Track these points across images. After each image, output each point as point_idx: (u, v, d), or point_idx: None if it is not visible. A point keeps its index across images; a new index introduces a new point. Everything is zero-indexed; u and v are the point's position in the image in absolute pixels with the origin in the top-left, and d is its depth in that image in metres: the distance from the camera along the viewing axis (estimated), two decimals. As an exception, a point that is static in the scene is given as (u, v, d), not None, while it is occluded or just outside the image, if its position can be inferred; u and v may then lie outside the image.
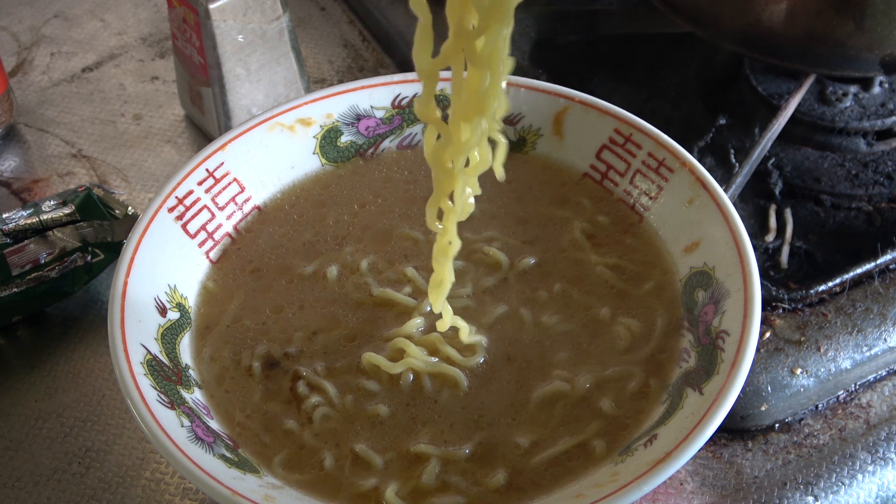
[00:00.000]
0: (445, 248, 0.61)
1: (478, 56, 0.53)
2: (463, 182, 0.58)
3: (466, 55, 0.53)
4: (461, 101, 0.55)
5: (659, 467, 0.54)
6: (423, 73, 0.54)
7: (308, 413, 0.62)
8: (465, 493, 0.58)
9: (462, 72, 0.54)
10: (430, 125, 0.57)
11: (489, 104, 0.54)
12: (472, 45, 0.52)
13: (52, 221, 0.77)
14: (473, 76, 0.54)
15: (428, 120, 0.56)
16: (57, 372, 0.75)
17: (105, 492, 0.68)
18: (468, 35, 0.52)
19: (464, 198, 0.59)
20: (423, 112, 0.56)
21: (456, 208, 0.59)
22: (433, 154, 0.57)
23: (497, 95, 0.54)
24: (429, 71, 0.54)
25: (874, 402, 0.72)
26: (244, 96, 0.87)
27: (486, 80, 0.53)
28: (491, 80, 0.53)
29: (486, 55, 0.52)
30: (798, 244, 0.80)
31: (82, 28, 1.06)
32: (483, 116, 0.55)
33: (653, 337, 0.64)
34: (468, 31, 0.52)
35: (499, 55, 0.53)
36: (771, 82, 0.89)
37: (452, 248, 0.61)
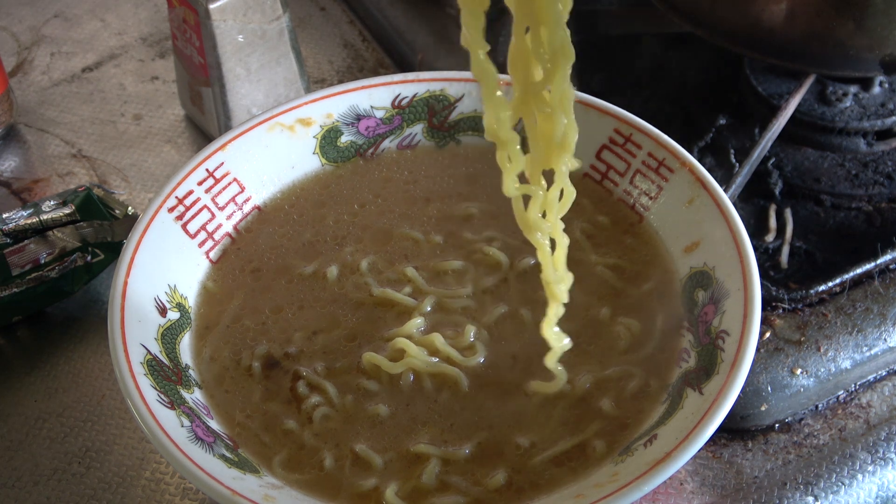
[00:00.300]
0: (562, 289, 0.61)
1: (549, 104, 0.53)
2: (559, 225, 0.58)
3: (535, 106, 0.53)
4: (540, 150, 0.55)
5: (659, 467, 0.54)
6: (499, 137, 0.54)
7: (308, 413, 0.62)
8: (465, 493, 0.58)
9: (535, 123, 0.54)
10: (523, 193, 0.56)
11: (570, 142, 0.55)
12: (540, 96, 0.53)
13: (52, 221, 0.77)
14: (546, 124, 0.54)
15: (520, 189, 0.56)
16: (57, 372, 0.75)
17: (105, 492, 0.68)
18: (535, 88, 0.53)
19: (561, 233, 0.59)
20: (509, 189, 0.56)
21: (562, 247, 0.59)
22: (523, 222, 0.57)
23: (575, 131, 0.54)
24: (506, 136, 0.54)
25: (874, 402, 0.72)
26: (244, 96, 0.87)
27: (561, 123, 0.54)
28: (567, 119, 0.54)
29: (557, 101, 0.53)
30: (798, 244, 0.80)
31: (82, 28, 1.06)
32: (569, 153, 0.55)
33: (653, 337, 0.64)
34: (535, 85, 0.53)
35: (568, 96, 0.53)
36: (771, 82, 0.89)
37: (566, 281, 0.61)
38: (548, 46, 0.51)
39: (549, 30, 0.51)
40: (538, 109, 0.54)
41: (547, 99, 0.53)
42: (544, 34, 0.51)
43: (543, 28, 0.51)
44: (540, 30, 0.51)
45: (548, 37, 0.51)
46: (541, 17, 0.51)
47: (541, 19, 0.51)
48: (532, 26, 0.51)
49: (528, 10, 0.51)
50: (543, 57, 0.52)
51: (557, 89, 0.53)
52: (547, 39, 0.51)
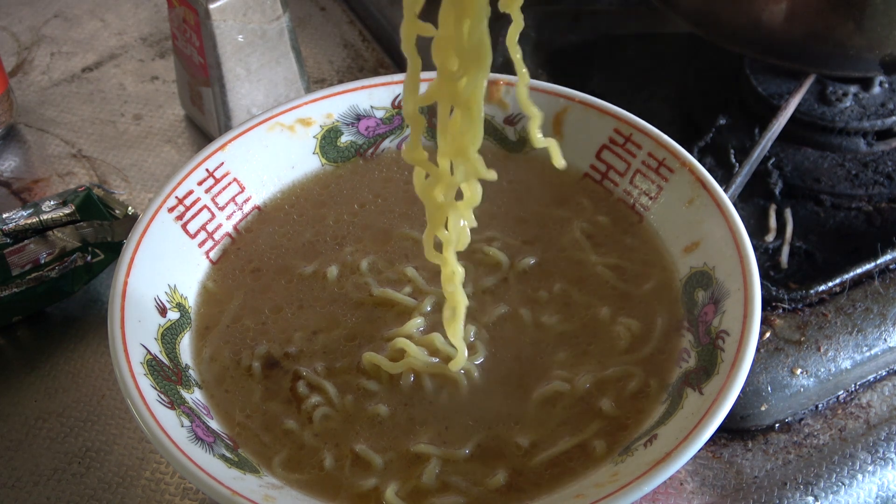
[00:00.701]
0: (451, 277, 0.61)
1: (459, 98, 0.54)
2: (456, 214, 0.59)
3: (449, 97, 0.55)
4: (447, 141, 0.56)
5: (659, 467, 0.54)
6: (408, 116, 0.56)
7: (308, 413, 0.62)
8: (465, 493, 0.58)
9: (447, 112, 0.56)
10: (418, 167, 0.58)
11: (469, 144, 0.56)
12: (454, 87, 0.54)
13: (52, 221, 0.77)
14: (457, 117, 0.55)
15: (416, 162, 0.58)
16: (57, 372, 0.75)
17: (105, 492, 0.68)
18: (451, 77, 0.54)
19: (458, 228, 0.60)
20: (410, 155, 0.58)
21: (452, 238, 0.60)
22: (423, 191, 0.59)
23: (477, 137, 0.56)
24: (414, 114, 0.56)
25: (874, 402, 0.72)
26: (244, 96, 0.87)
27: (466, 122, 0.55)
28: (470, 121, 0.55)
29: (466, 97, 0.54)
30: (798, 244, 0.80)
31: (82, 28, 1.06)
32: (464, 157, 0.56)
33: (653, 337, 0.64)
34: (451, 73, 0.54)
35: (478, 99, 0.54)
36: (771, 82, 0.89)
37: (457, 277, 0.61)
38: (466, 41, 0.52)
39: (471, 24, 0.52)
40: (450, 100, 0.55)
41: (459, 91, 0.54)
42: (466, 28, 0.52)
43: (466, 21, 0.52)
44: (464, 22, 0.52)
45: (468, 30, 0.52)
46: (466, 8, 0.51)
47: (466, 11, 0.51)
48: (457, 17, 0.52)
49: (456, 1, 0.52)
50: (461, 50, 0.53)
51: (470, 85, 0.54)
52: (467, 32, 0.52)
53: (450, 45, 0.53)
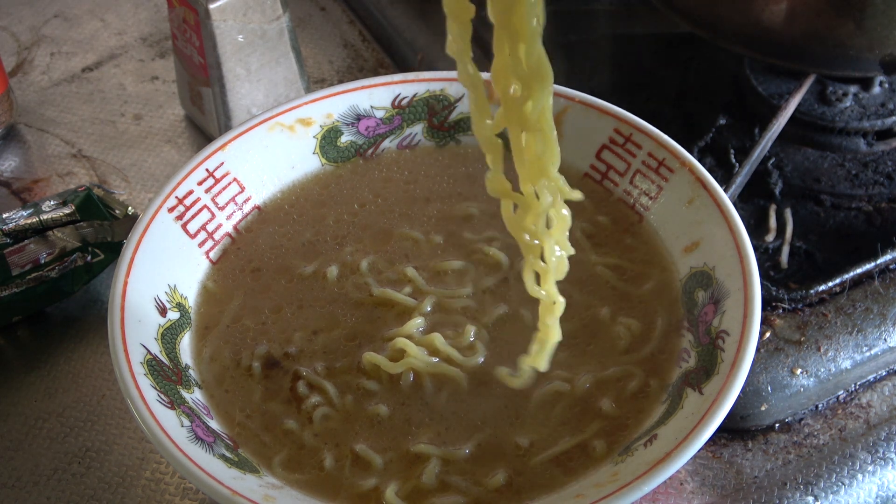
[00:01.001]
0: (550, 308, 0.60)
1: (527, 121, 0.54)
2: (551, 242, 0.58)
3: (518, 123, 0.54)
4: (525, 167, 0.55)
5: (659, 467, 0.54)
6: (484, 143, 0.55)
7: (308, 413, 0.62)
8: (465, 493, 0.58)
9: (520, 138, 0.55)
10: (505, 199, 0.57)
11: (548, 166, 0.55)
12: (521, 112, 0.53)
13: (52, 221, 0.77)
14: (530, 142, 0.55)
15: (500, 194, 0.57)
16: (57, 372, 0.75)
17: (105, 492, 0.68)
18: (515, 103, 0.53)
19: (556, 258, 0.59)
20: (495, 187, 0.57)
21: (549, 268, 0.59)
22: (514, 225, 0.58)
23: (555, 156, 0.55)
24: (489, 140, 0.55)
25: (874, 402, 0.72)
26: (244, 96, 0.87)
27: (538, 142, 0.54)
28: (545, 142, 0.54)
29: (535, 119, 0.53)
30: (798, 244, 0.80)
31: (82, 28, 1.06)
32: (546, 178, 0.55)
33: (653, 337, 0.64)
34: (515, 99, 0.53)
35: (547, 117, 0.54)
36: (771, 82, 0.89)
37: (557, 308, 0.60)
38: (525, 63, 0.52)
39: (526, 47, 0.52)
40: (519, 125, 0.54)
41: (527, 115, 0.54)
42: (522, 51, 0.52)
43: (521, 44, 0.52)
44: (518, 46, 0.52)
45: (525, 54, 0.52)
46: (518, 34, 0.51)
47: (519, 36, 0.51)
48: (510, 43, 0.52)
49: (506, 26, 0.51)
50: (521, 74, 0.52)
51: (536, 106, 0.53)
52: (524, 56, 0.52)
53: (509, 72, 0.53)
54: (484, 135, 0.55)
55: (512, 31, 0.51)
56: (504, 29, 0.52)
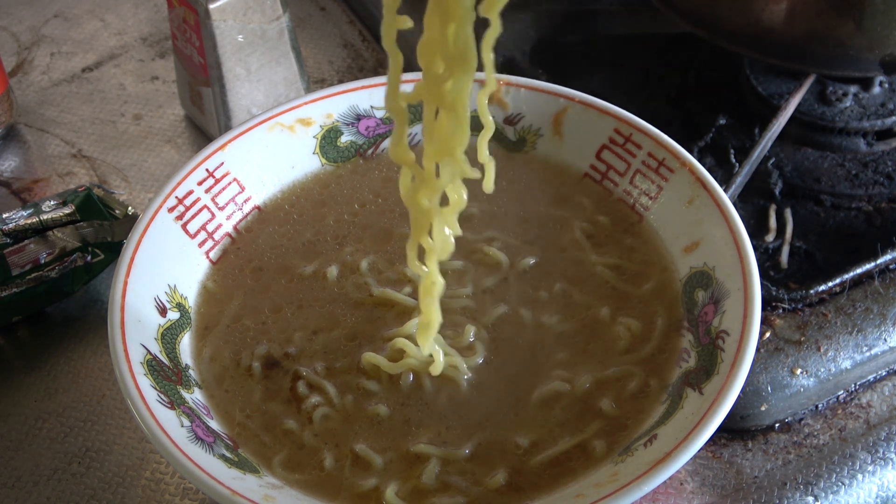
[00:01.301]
0: (430, 288, 0.61)
1: (444, 100, 0.54)
2: (440, 221, 0.59)
3: (435, 99, 0.55)
4: (433, 143, 0.56)
5: (659, 467, 0.54)
6: (393, 111, 0.56)
7: (308, 413, 0.62)
8: (465, 493, 0.58)
9: (433, 114, 0.56)
10: (405, 167, 0.58)
11: (455, 147, 0.56)
12: (440, 89, 0.54)
13: (52, 221, 0.77)
14: (443, 119, 0.55)
15: (401, 161, 0.57)
16: (57, 372, 0.75)
17: (105, 492, 0.68)
18: (436, 80, 0.54)
19: (443, 236, 0.59)
20: (396, 153, 0.57)
21: (436, 247, 0.60)
22: (408, 195, 0.59)
23: (464, 137, 0.55)
24: (399, 109, 0.56)
25: (874, 402, 0.72)
26: (244, 96, 0.87)
27: (451, 122, 0.55)
28: (457, 123, 0.55)
29: (452, 100, 0.54)
30: (798, 244, 0.80)
31: (82, 28, 1.06)
32: (452, 157, 0.56)
33: (653, 337, 0.64)
34: (436, 76, 0.54)
35: (464, 101, 0.54)
36: (771, 82, 0.89)
37: (437, 288, 0.61)
38: (452, 45, 0.52)
39: (455, 27, 0.52)
40: (436, 102, 0.55)
41: (445, 93, 0.54)
42: (451, 32, 0.52)
43: (451, 24, 0.52)
44: (449, 26, 0.52)
45: (453, 34, 0.52)
46: (450, 13, 0.52)
47: (450, 15, 0.52)
48: (442, 20, 0.52)
49: (439, 4, 0.52)
50: (446, 53, 0.53)
51: (455, 87, 0.54)
52: (452, 37, 0.52)
53: (435, 48, 0.53)
54: (395, 102, 0.55)
55: (444, 9, 0.52)
56: (437, 5, 0.52)
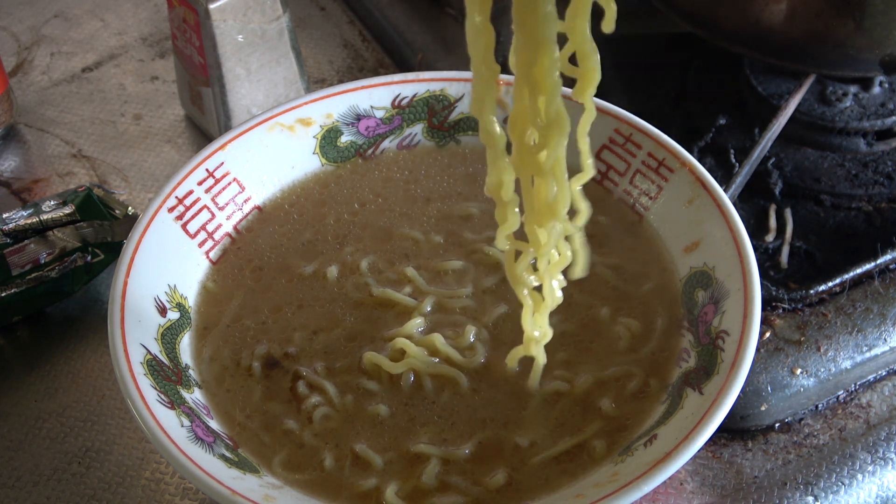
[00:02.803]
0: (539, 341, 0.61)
1: (541, 168, 0.54)
2: (550, 280, 0.59)
3: (532, 169, 0.55)
4: (534, 210, 0.56)
5: (659, 467, 0.54)
6: (499, 198, 0.56)
7: (308, 413, 0.62)
8: (465, 492, 0.58)
9: (530, 183, 0.56)
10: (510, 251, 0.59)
11: (559, 209, 0.56)
12: (535, 159, 0.54)
13: (52, 221, 0.77)
14: (541, 186, 0.55)
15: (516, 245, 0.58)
16: (57, 372, 0.75)
17: (105, 492, 0.68)
18: (530, 151, 0.54)
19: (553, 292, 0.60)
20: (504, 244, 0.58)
21: (547, 303, 0.60)
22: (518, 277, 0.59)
23: (566, 199, 0.56)
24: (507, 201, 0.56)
25: (874, 402, 0.72)
26: (244, 96, 0.87)
27: (552, 188, 0.55)
28: (558, 187, 0.55)
29: (550, 166, 0.54)
30: (798, 244, 0.80)
31: (82, 28, 1.06)
32: (556, 220, 0.56)
33: (653, 337, 0.64)
34: (529, 147, 0.54)
35: (561, 165, 0.54)
36: (771, 82, 0.89)
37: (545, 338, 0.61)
38: (544, 115, 0.53)
39: (546, 99, 0.52)
40: (533, 172, 0.55)
41: (541, 163, 0.54)
42: (541, 103, 0.53)
43: (541, 97, 0.52)
44: (538, 98, 0.53)
45: (545, 105, 0.53)
46: (539, 86, 0.52)
47: (539, 88, 0.52)
48: (531, 94, 0.53)
49: (527, 78, 0.52)
50: (539, 124, 0.53)
51: (551, 155, 0.54)
52: (544, 108, 0.53)
53: (527, 120, 0.53)
54: (501, 190, 0.56)
55: (533, 82, 0.52)
56: (525, 79, 0.52)
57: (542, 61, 0.51)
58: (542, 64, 0.51)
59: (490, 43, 0.52)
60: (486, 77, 0.53)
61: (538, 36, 0.51)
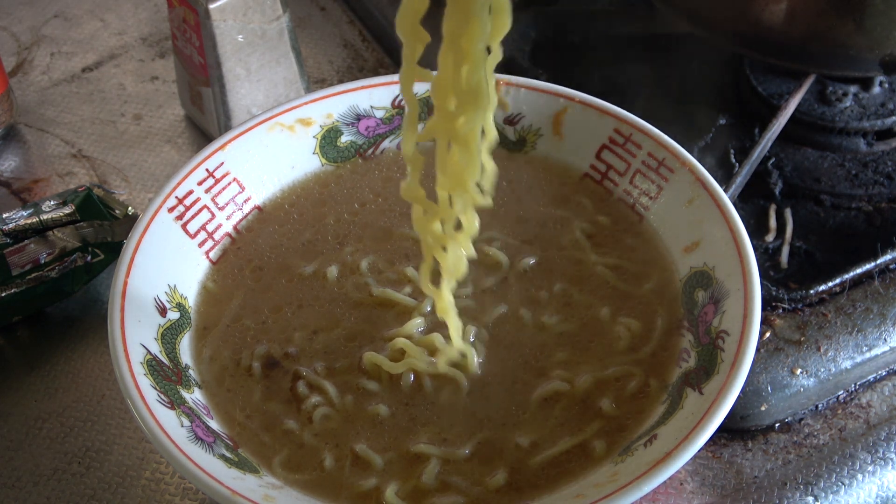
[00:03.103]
0: (447, 309, 0.62)
1: (457, 135, 0.56)
2: (455, 245, 0.60)
3: (447, 134, 0.56)
4: (446, 175, 0.58)
5: (659, 467, 0.54)
6: (407, 157, 0.58)
7: (308, 413, 0.62)
8: (465, 493, 0.58)
9: (446, 148, 0.57)
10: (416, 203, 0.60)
11: (468, 179, 0.58)
12: (452, 125, 0.56)
13: (52, 221, 0.77)
14: (455, 153, 0.57)
15: (415, 200, 0.60)
16: (57, 372, 0.75)
17: (105, 492, 0.68)
18: (449, 116, 0.56)
19: (456, 257, 0.61)
20: (409, 193, 0.59)
21: (450, 268, 0.61)
22: (421, 225, 0.60)
23: (475, 170, 0.57)
24: (413, 154, 0.58)
25: (874, 402, 0.72)
26: (244, 96, 0.87)
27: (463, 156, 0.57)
28: (469, 157, 0.57)
29: (464, 135, 0.56)
30: (798, 244, 0.80)
31: (82, 28, 1.06)
32: (464, 188, 0.58)
33: (653, 337, 0.64)
34: (449, 112, 0.55)
35: (475, 136, 0.56)
36: (771, 82, 0.89)
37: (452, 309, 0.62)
38: (465, 83, 0.54)
39: (469, 68, 0.54)
40: (448, 137, 0.57)
41: (457, 129, 0.56)
42: (465, 71, 0.54)
43: (465, 65, 0.54)
44: (462, 66, 0.54)
45: (466, 74, 0.54)
46: (465, 55, 0.53)
47: (464, 57, 0.53)
48: (456, 60, 0.54)
49: (454, 45, 0.53)
50: (459, 92, 0.54)
51: (467, 123, 0.55)
52: (465, 77, 0.54)
53: (448, 86, 0.55)
54: (410, 148, 0.57)
55: (459, 50, 0.53)
56: (452, 45, 0.53)
57: (471, 30, 0.52)
58: (470, 33, 0.52)
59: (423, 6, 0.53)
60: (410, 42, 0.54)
61: (469, 7, 0.52)
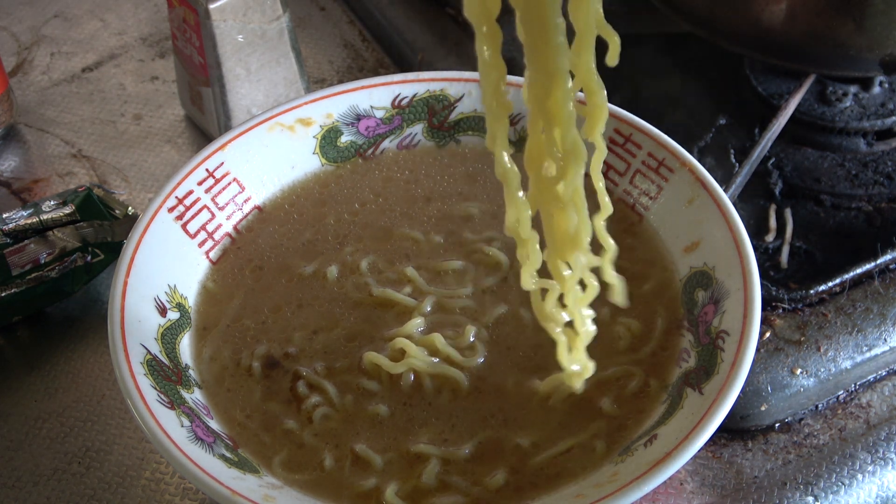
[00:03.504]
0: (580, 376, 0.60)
1: (560, 199, 0.54)
2: (580, 312, 0.58)
3: (552, 202, 0.54)
4: (555, 243, 0.56)
5: (659, 467, 0.54)
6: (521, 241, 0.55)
7: (308, 413, 0.62)
8: (465, 493, 0.58)
9: (551, 215, 0.55)
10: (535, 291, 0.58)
11: (581, 239, 0.55)
12: (553, 191, 0.54)
13: (52, 221, 0.77)
14: (561, 218, 0.55)
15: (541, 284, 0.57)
16: (57, 372, 0.75)
17: (105, 492, 0.68)
18: (548, 183, 0.54)
19: (585, 326, 0.59)
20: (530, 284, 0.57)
21: (581, 337, 0.59)
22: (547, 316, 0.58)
23: (587, 229, 0.55)
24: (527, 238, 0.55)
25: (874, 402, 0.72)
26: (244, 96, 0.87)
27: (573, 219, 0.55)
28: (578, 217, 0.55)
29: (569, 197, 0.54)
30: (798, 244, 0.80)
31: (82, 28, 1.06)
32: (579, 251, 0.56)
33: (653, 337, 0.64)
34: (548, 180, 0.54)
35: (580, 195, 0.54)
36: (771, 82, 0.89)
37: (586, 371, 0.60)
38: (560, 146, 0.52)
39: (561, 130, 0.52)
40: (552, 205, 0.54)
41: (560, 194, 0.54)
42: (557, 134, 0.52)
43: (557, 128, 0.52)
44: (554, 129, 0.52)
45: (560, 137, 0.52)
46: (554, 118, 0.52)
47: (554, 120, 0.52)
48: (546, 126, 0.52)
49: (542, 110, 0.52)
50: (556, 155, 0.53)
51: (570, 186, 0.53)
52: (560, 139, 0.52)
53: (543, 153, 0.53)
54: (520, 228, 0.55)
55: (548, 115, 0.52)
56: (539, 112, 0.52)
57: (556, 93, 0.51)
58: (555, 96, 0.51)
59: (501, 77, 0.52)
60: (496, 113, 0.53)
61: (550, 68, 0.50)
